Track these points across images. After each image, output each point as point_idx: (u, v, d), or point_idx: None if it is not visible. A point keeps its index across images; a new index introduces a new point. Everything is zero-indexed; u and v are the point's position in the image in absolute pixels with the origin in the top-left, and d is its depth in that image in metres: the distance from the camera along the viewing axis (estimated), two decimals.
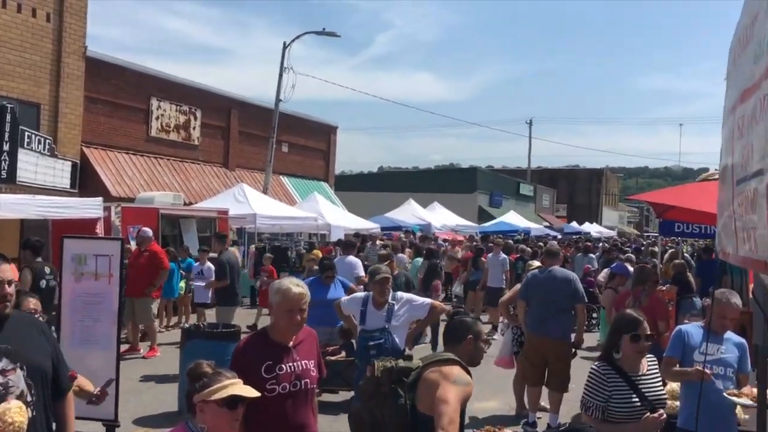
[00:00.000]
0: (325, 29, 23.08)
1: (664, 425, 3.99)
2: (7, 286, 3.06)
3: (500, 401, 8.42)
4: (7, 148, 13.34)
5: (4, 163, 13.32)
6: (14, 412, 2.89)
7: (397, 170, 76.07)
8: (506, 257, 15.14)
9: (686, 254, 17.57)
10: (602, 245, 25.21)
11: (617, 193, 75.78)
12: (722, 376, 4.60)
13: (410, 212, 27.20)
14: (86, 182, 19.53)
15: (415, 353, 4.28)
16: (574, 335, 7.81)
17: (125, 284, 11.00)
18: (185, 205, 18.46)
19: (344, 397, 8.22)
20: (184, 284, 13.67)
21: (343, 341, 8.46)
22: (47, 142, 17.52)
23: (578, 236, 34.86)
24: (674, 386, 5.14)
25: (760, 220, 1.52)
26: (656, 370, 4.09)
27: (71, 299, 6.68)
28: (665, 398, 4.12)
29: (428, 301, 6.03)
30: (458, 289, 16.27)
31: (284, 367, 3.50)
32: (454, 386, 3.21)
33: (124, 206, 14.78)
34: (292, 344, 3.58)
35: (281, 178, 29.35)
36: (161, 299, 12.93)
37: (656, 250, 15.90)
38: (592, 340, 12.79)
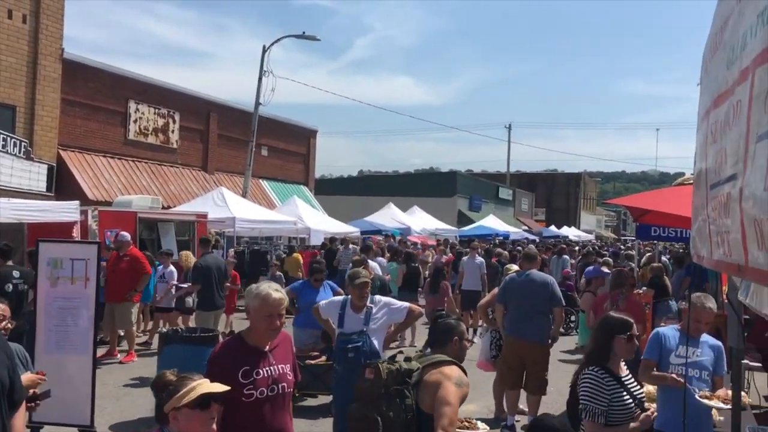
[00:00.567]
0: (304, 33, 23.00)
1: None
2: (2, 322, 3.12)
3: (479, 404, 8.44)
4: None
5: None
6: None
7: (377, 174, 76.21)
8: (483, 260, 15.19)
9: (664, 258, 17.78)
10: (578, 249, 25.39)
11: (595, 197, 76.46)
12: (697, 378, 4.65)
13: (390, 216, 27.21)
14: (63, 185, 19.33)
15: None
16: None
17: (105, 289, 10.97)
18: (163, 208, 18.31)
19: (323, 401, 8.20)
20: None
21: (325, 345, 8.44)
22: (23, 144, 17.33)
23: (556, 240, 35.09)
24: (651, 389, 5.18)
25: (733, 224, 1.55)
26: (628, 370, 4.13)
27: (47, 304, 6.61)
28: (645, 398, 4.17)
29: (406, 304, 6.04)
30: None
31: (261, 371, 3.48)
32: (455, 387, 3.48)
33: (101, 210, 14.62)
34: (268, 348, 3.57)
35: (261, 181, 29.24)
36: (145, 305, 12.82)
37: (633, 253, 16.15)
38: (570, 343, 12.88)
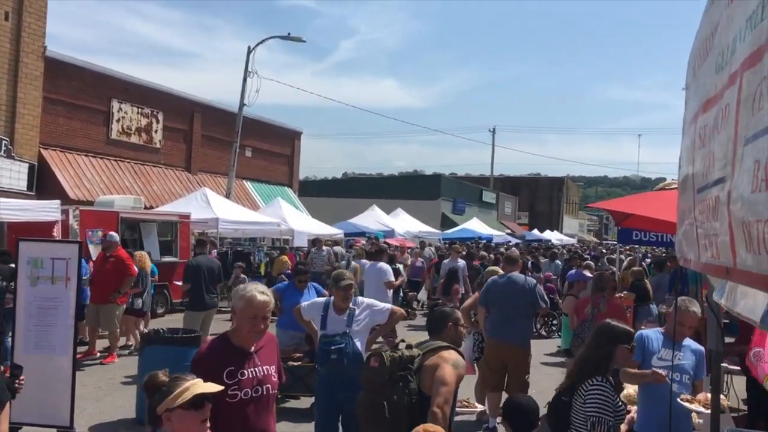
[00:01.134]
0: (290, 34, 22.98)
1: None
2: None
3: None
4: None
5: None
6: None
7: (361, 176, 76.16)
8: (464, 263, 15.22)
9: (643, 263, 17.93)
10: (560, 251, 25.50)
11: (577, 201, 76.95)
12: (678, 382, 4.67)
13: (374, 218, 27.21)
14: (44, 184, 19.14)
15: None
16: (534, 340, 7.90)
17: (91, 290, 10.87)
18: (146, 208, 18.19)
19: (305, 403, 8.17)
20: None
21: (309, 347, 8.41)
22: (4, 143, 17.14)
23: (539, 243, 35.25)
24: (631, 391, 5.21)
25: (721, 227, 1.56)
26: None
27: (26, 303, 6.53)
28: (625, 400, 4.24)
29: (388, 306, 6.05)
30: (423, 294, 16.32)
31: (246, 372, 3.48)
32: (453, 368, 3.76)
33: (82, 209, 14.50)
34: (253, 349, 3.57)
35: (244, 182, 29.12)
36: None
37: (614, 257, 16.28)
38: (552, 346, 12.94)
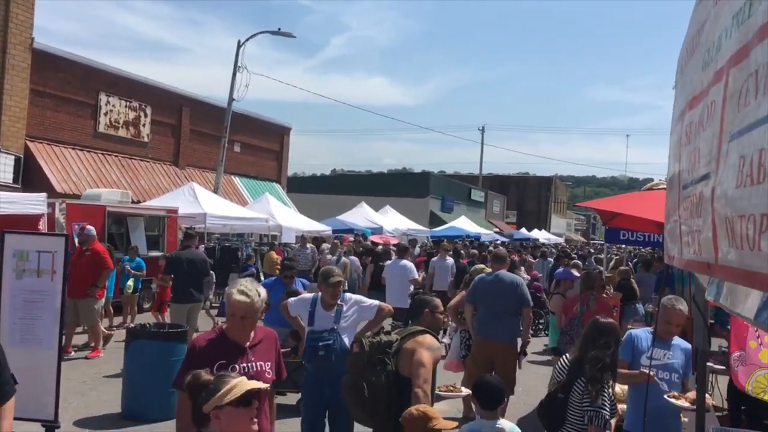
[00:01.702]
0: (280, 29, 22.92)
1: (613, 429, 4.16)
2: None
3: (448, 404, 8.47)
4: None
5: None
6: None
7: (350, 173, 76.05)
8: (452, 261, 15.25)
9: (630, 263, 18.03)
10: (548, 250, 25.63)
11: (565, 200, 77.28)
12: (668, 380, 4.70)
13: (362, 215, 27.19)
14: (30, 177, 19.02)
15: None
16: (520, 339, 7.92)
17: (67, 284, 10.76)
18: (133, 203, 18.11)
19: (292, 399, 8.16)
20: (132, 283, 13.41)
21: (295, 343, 8.40)
22: None
23: (527, 242, 35.37)
24: (618, 390, 5.24)
25: (704, 223, 1.57)
26: None
27: (11, 297, 6.48)
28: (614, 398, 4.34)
29: (376, 302, 6.03)
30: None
31: (237, 367, 3.45)
32: (428, 351, 4.05)
33: (69, 203, 14.42)
34: (248, 344, 3.56)
35: (233, 178, 29.04)
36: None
37: (602, 257, 16.36)
38: (539, 345, 12.99)
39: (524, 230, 45.67)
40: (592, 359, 4.27)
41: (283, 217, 20.67)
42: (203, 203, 17.47)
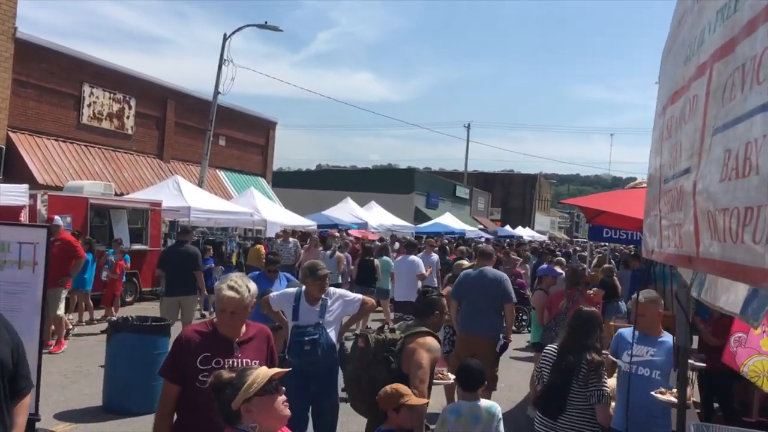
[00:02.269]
0: (267, 23, 22.79)
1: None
2: None
3: (432, 399, 8.49)
4: None
5: None
6: None
7: (335, 168, 75.98)
8: (437, 257, 15.28)
9: (612, 261, 18.17)
10: (532, 246, 25.77)
11: (549, 198, 77.63)
12: (647, 378, 4.67)
13: (347, 211, 27.15)
14: (11, 168, 18.82)
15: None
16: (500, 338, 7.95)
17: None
18: (116, 195, 17.96)
19: None
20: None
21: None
22: None
23: (511, 239, 35.51)
24: (612, 384, 5.28)
25: (686, 216, 1.58)
26: None
27: None
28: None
29: (359, 296, 6.03)
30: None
31: (222, 361, 3.40)
32: (427, 353, 4.25)
33: (51, 194, 14.29)
34: (238, 340, 3.50)
35: (217, 171, 28.89)
36: (79, 292, 12.63)
37: (585, 254, 16.49)
38: (521, 341, 13.05)
39: (508, 227, 45.84)
40: (592, 345, 4.52)
41: (267, 211, 20.60)
42: (187, 197, 17.37)
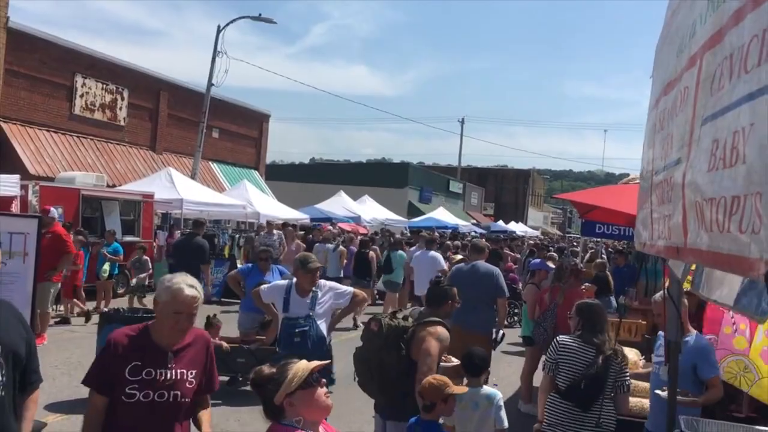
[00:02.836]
0: (261, 15, 22.73)
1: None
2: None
3: None
4: None
5: None
6: None
7: (328, 162, 75.81)
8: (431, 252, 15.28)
9: (604, 256, 18.24)
10: (526, 243, 25.84)
11: (543, 194, 77.73)
12: (663, 380, 4.61)
13: (341, 204, 27.13)
14: (3, 159, 18.72)
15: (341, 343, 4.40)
16: (495, 330, 7.96)
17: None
18: (108, 187, 17.90)
19: None
20: (108, 268, 13.28)
21: (267, 334, 8.33)
22: None
23: (504, 234, 35.54)
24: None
25: (675, 207, 1.58)
26: None
27: None
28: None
29: (350, 289, 6.03)
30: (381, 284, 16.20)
31: (154, 372, 3.03)
32: (437, 342, 4.33)
33: (42, 185, 14.22)
34: (173, 348, 3.11)
35: (210, 164, 28.81)
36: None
37: (578, 250, 16.53)
38: (513, 335, 13.07)
39: (501, 222, 45.87)
40: (610, 339, 4.69)
41: (260, 204, 20.57)
42: (180, 189, 17.33)
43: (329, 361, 2.87)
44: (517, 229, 43.32)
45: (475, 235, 30.02)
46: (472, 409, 4.70)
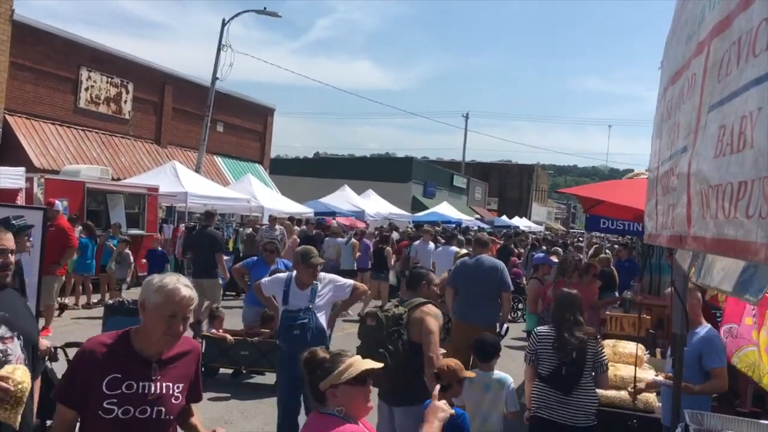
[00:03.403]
0: (266, 8, 22.71)
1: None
2: (9, 255, 3.06)
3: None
4: None
5: None
6: (22, 372, 2.82)
7: (333, 157, 75.86)
8: (434, 246, 15.28)
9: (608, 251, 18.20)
10: (530, 238, 25.81)
11: (547, 189, 77.56)
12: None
13: (344, 198, 27.10)
14: (8, 151, 18.74)
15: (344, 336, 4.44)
16: (499, 324, 7.96)
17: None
18: (113, 180, 17.93)
19: (270, 379, 8.15)
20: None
21: (268, 328, 8.34)
22: None
23: (507, 229, 35.50)
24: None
25: (679, 197, 1.57)
26: None
27: None
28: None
29: (350, 282, 6.04)
30: (392, 278, 16.23)
31: (135, 385, 2.68)
32: (434, 319, 4.68)
33: (47, 178, 14.24)
34: (157, 358, 2.76)
35: (215, 157, 28.82)
36: (78, 276, 12.63)
37: (582, 245, 16.53)
38: (517, 330, 13.07)
39: (505, 218, 45.83)
40: (582, 320, 4.94)
41: (265, 198, 20.58)
42: (184, 182, 17.35)
43: (382, 365, 2.83)
44: (520, 224, 43.27)
45: (487, 229, 29.99)
46: (483, 391, 5.01)
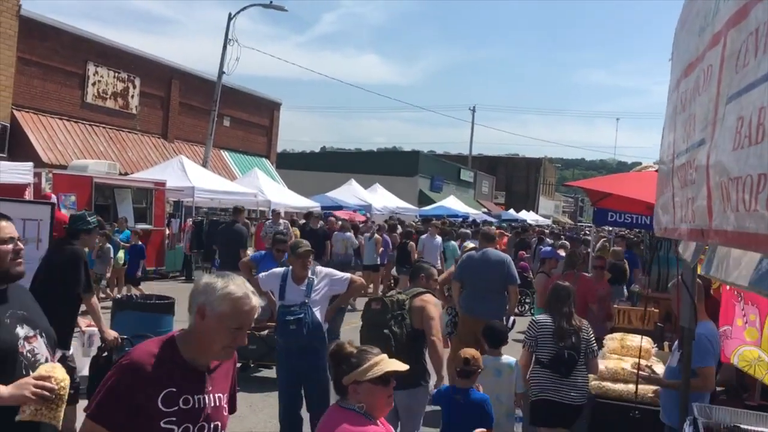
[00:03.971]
0: (272, 2, 22.67)
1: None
2: (18, 242, 2.73)
3: (433, 380, 8.50)
4: None
5: None
6: (60, 370, 2.76)
7: (339, 151, 75.81)
8: (440, 240, 15.29)
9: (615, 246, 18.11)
10: (537, 232, 25.77)
11: (554, 182, 77.35)
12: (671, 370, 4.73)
13: (351, 192, 27.10)
14: (16, 147, 18.81)
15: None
16: (506, 317, 7.94)
17: None
18: (121, 175, 17.97)
19: (275, 373, 8.14)
20: (122, 254, 13.35)
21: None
22: None
23: (515, 223, 35.45)
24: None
25: (699, 190, 1.56)
26: None
27: None
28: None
29: (347, 275, 5.98)
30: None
31: (192, 399, 2.36)
32: (434, 307, 5.00)
33: (55, 173, 14.30)
34: (209, 369, 2.47)
35: (222, 152, 28.86)
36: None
37: (590, 238, 16.45)
38: (524, 323, 13.03)
39: (512, 211, 45.73)
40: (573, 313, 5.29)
41: (271, 192, 20.60)
42: (192, 176, 17.39)
43: (408, 367, 2.83)
44: (528, 218, 43.18)
45: (494, 223, 29.92)
46: (495, 376, 5.30)
